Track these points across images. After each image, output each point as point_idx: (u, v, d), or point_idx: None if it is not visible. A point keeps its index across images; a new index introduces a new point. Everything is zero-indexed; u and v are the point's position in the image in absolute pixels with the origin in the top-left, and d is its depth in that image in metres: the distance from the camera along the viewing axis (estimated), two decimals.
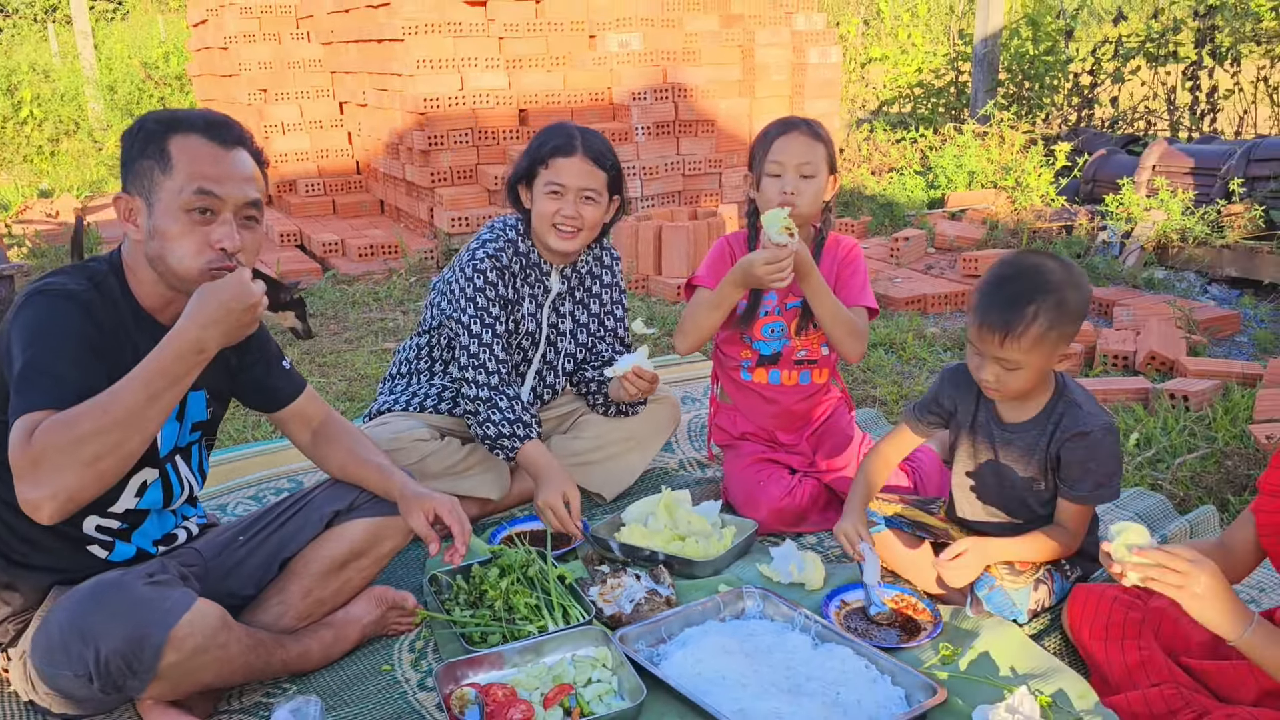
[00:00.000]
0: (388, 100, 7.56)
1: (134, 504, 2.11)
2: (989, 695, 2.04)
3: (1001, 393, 2.27)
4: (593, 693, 2.10)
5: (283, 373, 2.37)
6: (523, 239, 2.90)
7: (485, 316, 2.81)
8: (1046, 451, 2.28)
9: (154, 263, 1.99)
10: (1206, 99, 8.67)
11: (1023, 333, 2.12)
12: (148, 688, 1.89)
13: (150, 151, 1.95)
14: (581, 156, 2.77)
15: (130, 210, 1.98)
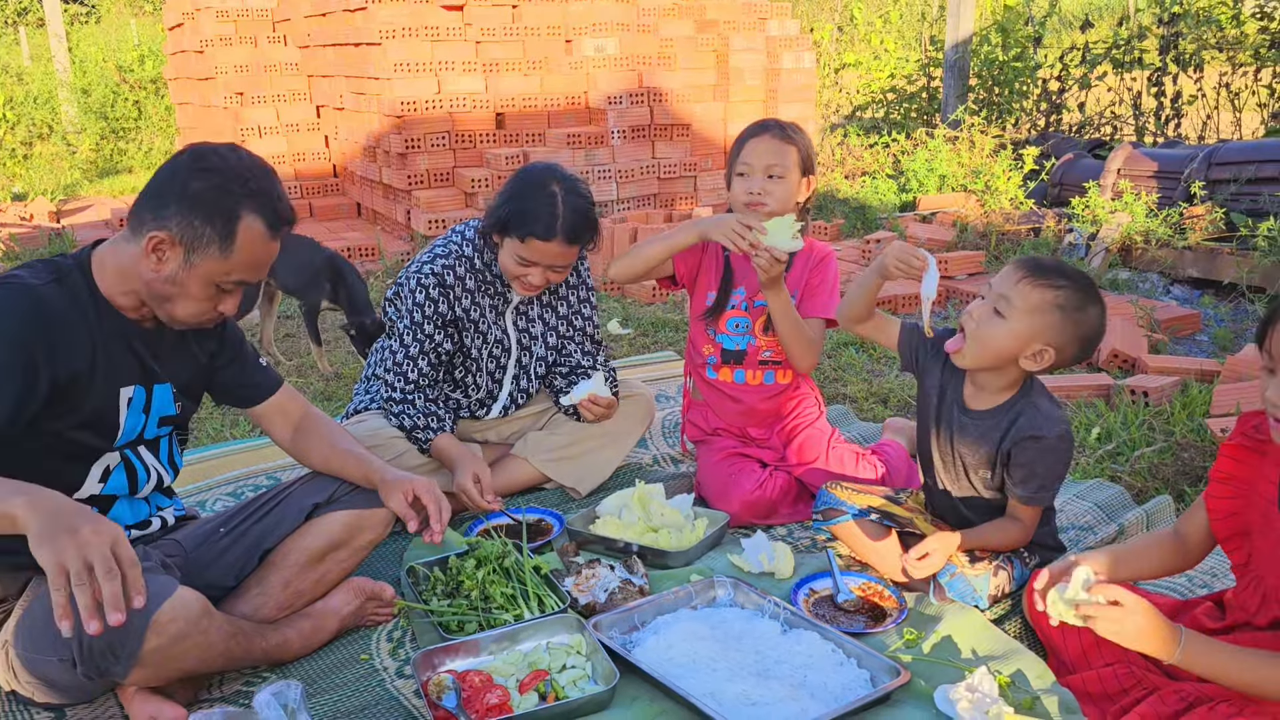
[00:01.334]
0: (364, 103, 7.60)
1: (99, 489, 2.14)
2: (951, 676, 2.11)
3: (971, 342, 2.30)
4: (567, 678, 2.15)
5: (259, 369, 2.43)
6: (481, 253, 2.92)
7: (419, 332, 2.87)
8: (999, 446, 2.36)
9: (154, 294, 2.04)
10: (1171, 104, 8.83)
11: (1039, 284, 2.19)
12: (130, 673, 1.92)
13: (217, 223, 1.96)
14: (559, 242, 2.74)
15: (162, 251, 1.98)
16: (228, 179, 1.98)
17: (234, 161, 2.01)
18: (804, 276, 2.96)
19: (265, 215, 2.01)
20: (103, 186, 10.84)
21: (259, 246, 2.03)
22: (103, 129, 12.66)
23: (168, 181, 1.99)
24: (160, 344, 2.17)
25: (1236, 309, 5.23)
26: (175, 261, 1.98)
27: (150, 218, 1.98)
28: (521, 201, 2.76)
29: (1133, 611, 1.68)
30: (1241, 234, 5.54)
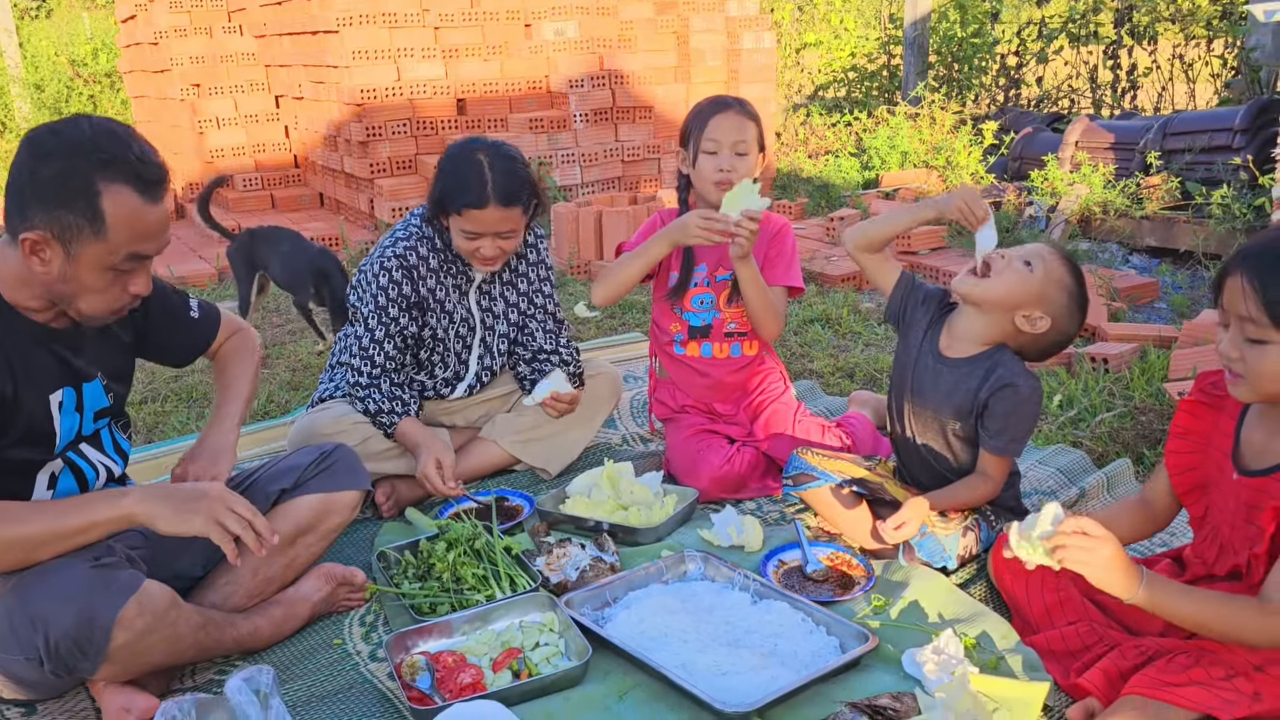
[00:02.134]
0: (324, 92, 7.54)
1: (48, 495, 2.10)
2: (918, 640, 2.14)
3: (998, 277, 2.35)
4: (540, 655, 2.17)
5: (192, 323, 2.38)
6: (441, 234, 2.91)
7: (384, 316, 2.86)
8: (976, 394, 2.40)
9: (57, 296, 1.94)
10: (1127, 77, 8.93)
11: (1066, 265, 2.33)
12: (99, 670, 1.91)
13: (79, 205, 1.82)
14: (494, 206, 2.72)
15: (40, 249, 1.86)
16: (73, 156, 1.83)
17: (74, 135, 1.85)
18: (763, 248, 2.98)
19: (127, 180, 1.85)
20: None
21: (137, 214, 1.87)
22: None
23: (16, 178, 1.86)
24: (80, 339, 2.09)
25: (1193, 276, 5.32)
26: (57, 258, 1.86)
27: (17, 221, 1.86)
28: (450, 177, 2.76)
29: (1103, 541, 1.71)
30: (1196, 202, 5.62)
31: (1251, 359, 1.73)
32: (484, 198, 2.71)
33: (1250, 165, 5.44)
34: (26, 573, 1.95)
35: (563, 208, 6.15)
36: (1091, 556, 1.72)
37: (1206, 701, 1.70)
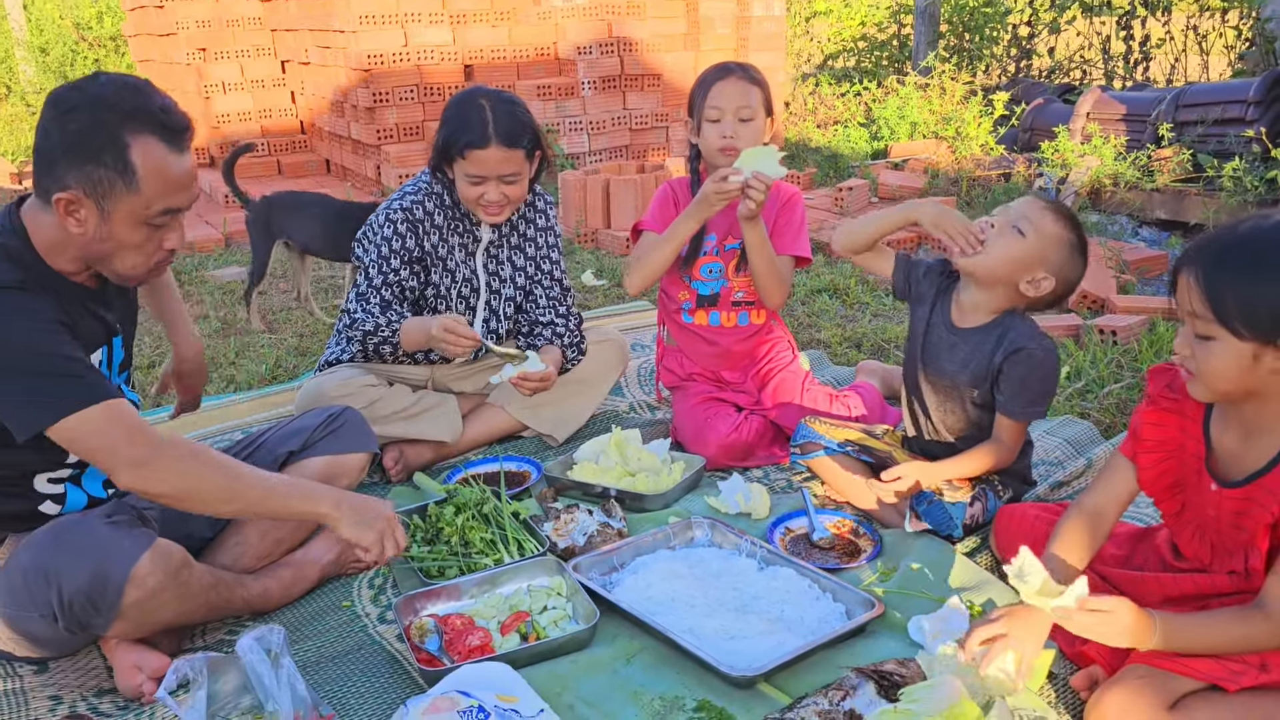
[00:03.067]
0: (331, 58, 7.49)
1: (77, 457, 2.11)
2: (924, 608, 2.15)
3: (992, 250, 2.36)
4: (548, 619, 2.19)
5: None
6: (450, 190, 2.92)
7: (384, 265, 2.85)
8: (990, 360, 2.40)
9: (93, 258, 1.95)
10: (1139, 48, 8.84)
11: (1060, 219, 2.32)
12: (111, 626, 1.93)
13: (108, 159, 1.82)
14: (496, 145, 2.72)
15: (75, 208, 1.86)
16: (97, 110, 1.82)
17: (96, 91, 1.85)
18: (772, 216, 2.97)
19: (154, 131, 1.85)
20: None
21: (166, 164, 1.86)
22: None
23: (44, 141, 1.86)
24: (106, 295, 2.09)
25: None
26: (93, 216, 1.86)
27: (49, 182, 1.86)
28: (453, 121, 2.77)
29: (1118, 616, 1.69)
30: (1208, 175, 5.58)
31: (1200, 356, 1.72)
32: (485, 137, 2.71)
33: (1263, 138, 5.39)
34: (40, 531, 1.98)
35: (570, 176, 6.12)
36: (1109, 630, 1.70)
37: (1213, 672, 1.70)
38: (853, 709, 1.86)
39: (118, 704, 2.02)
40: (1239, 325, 1.64)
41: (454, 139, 2.75)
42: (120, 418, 1.88)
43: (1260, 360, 1.66)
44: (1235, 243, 1.66)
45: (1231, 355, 1.67)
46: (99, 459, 1.90)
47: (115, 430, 1.86)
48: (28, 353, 1.82)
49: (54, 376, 1.83)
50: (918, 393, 2.61)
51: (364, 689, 2.04)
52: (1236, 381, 1.71)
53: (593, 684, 2.00)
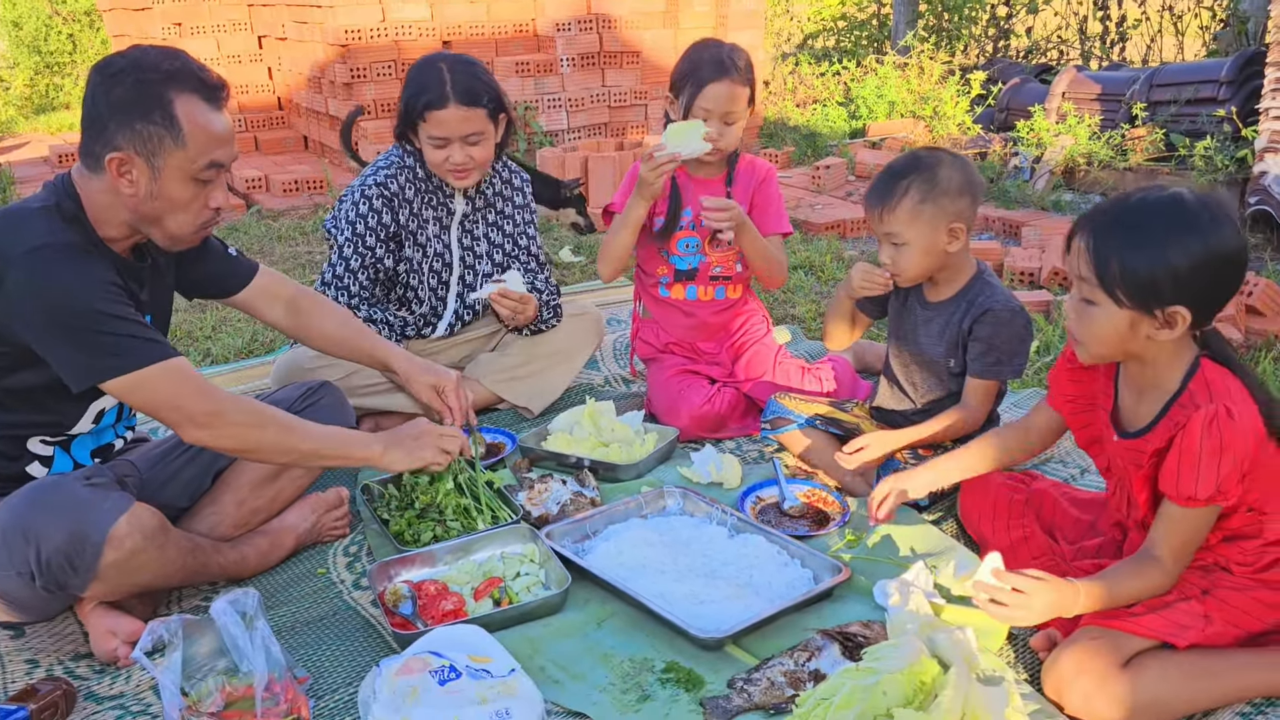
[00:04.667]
0: (308, 33, 7.44)
1: (90, 428, 2.17)
2: (890, 573, 2.19)
3: (901, 274, 2.44)
4: (521, 585, 2.22)
5: (229, 259, 2.43)
6: (422, 163, 2.93)
7: (360, 244, 2.87)
8: (960, 326, 2.46)
9: (145, 218, 2.01)
10: (1116, 28, 8.89)
11: (896, 205, 2.35)
12: (89, 587, 1.96)
13: (156, 116, 1.92)
14: (455, 105, 2.75)
15: (127, 168, 1.95)
16: (142, 72, 1.93)
17: (139, 56, 1.97)
18: (749, 194, 3.00)
19: (195, 88, 1.96)
20: (39, 123, 10.55)
21: (208, 121, 1.97)
22: (36, 64, 12.25)
23: (92, 106, 1.96)
24: (142, 274, 2.16)
25: None
26: (144, 175, 1.95)
27: (98, 147, 1.95)
28: (413, 85, 2.81)
29: (1036, 591, 1.75)
30: (1180, 154, 5.64)
31: (1084, 320, 1.78)
32: (444, 97, 2.74)
33: (1234, 117, 5.45)
34: (19, 491, 2.00)
35: (549, 153, 6.12)
36: (1030, 608, 1.76)
37: (1160, 629, 1.76)
38: (818, 669, 1.91)
39: (94, 668, 2.05)
40: (1119, 293, 1.71)
41: (414, 101, 2.78)
42: (187, 377, 2.02)
43: (1137, 327, 1.73)
44: (1124, 213, 1.72)
45: (1111, 321, 1.74)
46: (165, 413, 2.02)
47: (183, 388, 2.00)
48: (91, 310, 1.91)
49: (119, 335, 1.93)
50: (903, 370, 2.66)
51: (338, 653, 2.07)
52: (1116, 346, 1.78)
53: (564, 647, 2.04)
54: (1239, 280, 1.74)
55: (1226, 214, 1.70)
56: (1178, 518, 1.77)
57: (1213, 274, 1.68)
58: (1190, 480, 1.71)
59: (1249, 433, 1.69)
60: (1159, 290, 1.68)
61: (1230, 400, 1.71)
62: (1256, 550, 1.77)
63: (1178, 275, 1.67)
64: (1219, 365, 1.77)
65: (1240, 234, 1.70)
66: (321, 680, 1.99)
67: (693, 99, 2.82)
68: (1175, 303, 1.69)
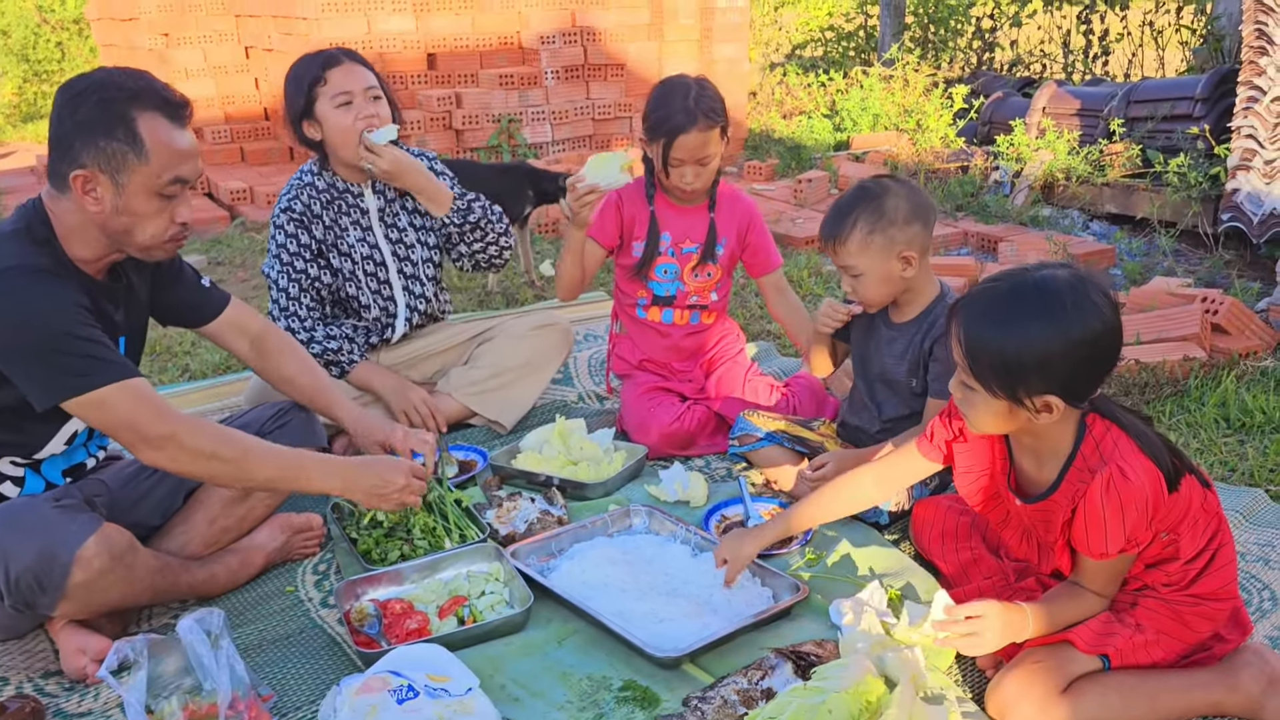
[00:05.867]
0: (293, 44, 7.47)
1: (61, 449, 2.21)
2: (846, 592, 2.23)
3: (863, 300, 2.53)
4: (485, 603, 2.26)
5: (202, 289, 2.47)
6: (320, 175, 3.01)
7: (290, 270, 2.95)
8: (921, 346, 2.52)
9: (114, 234, 2.06)
10: (1099, 42, 8.98)
11: (846, 238, 2.43)
12: (58, 606, 1.99)
13: (119, 133, 1.97)
14: (350, 63, 2.89)
15: (91, 185, 2.00)
16: (105, 91, 1.99)
17: (103, 77, 2.03)
18: (734, 227, 3.08)
19: (157, 107, 2.01)
20: (27, 132, 10.59)
21: (171, 138, 2.02)
22: (25, 72, 12.29)
23: (58, 127, 2.01)
24: (117, 294, 2.20)
25: (1148, 243, 5.42)
26: (109, 191, 2.00)
27: (64, 166, 2.00)
28: (297, 69, 2.92)
29: (988, 621, 1.83)
30: (1155, 170, 5.70)
31: (967, 402, 1.85)
32: (336, 58, 2.87)
33: (1207, 135, 5.52)
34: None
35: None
36: (984, 639, 1.84)
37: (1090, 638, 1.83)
38: (770, 687, 1.95)
39: (63, 685, 2.09)
40: (991, 384, 1.76)
41: (305, 73, 2.88)
42: (145, 397, 2.03)
43: (1015, 412, 1.78)
44: (993, 302, 1.76)
45: (990, 406, 1.80)
46: (121, 435, 2.03)
47: (140, 409, 2.01)
48: (59, 330, 1.96)
49: (81, 355, 1.96)
50: (866, 388, 2.71)
51: (304, 671, 2.11)
52: (1000, 427, 1.85)
53: (524, 665, 2.08)
54: (1109, 362, 1.77)
55: (1090, 298, 1.71)
56: (1096, 566, 1.84)
57: (1077, 361, 1.72)
58: (1099, 541, 1.77)
59: (1145, 488, 1.73)
60: (1026, 380, 1.72)
61: (1121, 459, 1.75)
62: (1179, 570, 1.83)
63: (1041, 365, 1.71)
64: (1105, 420, 1.81)
65: (1107, 315, 1.72)
66: (286, 698, 2.02)
67: (667, 150, 2.87)
68: (1044, 392, 1.73)
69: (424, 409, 3.01)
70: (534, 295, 4.82)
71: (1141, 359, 3.46)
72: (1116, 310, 1.76)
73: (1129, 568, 1.87)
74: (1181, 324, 3.66)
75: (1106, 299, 1.73)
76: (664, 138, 2.87)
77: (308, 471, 2.22)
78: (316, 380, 2.60)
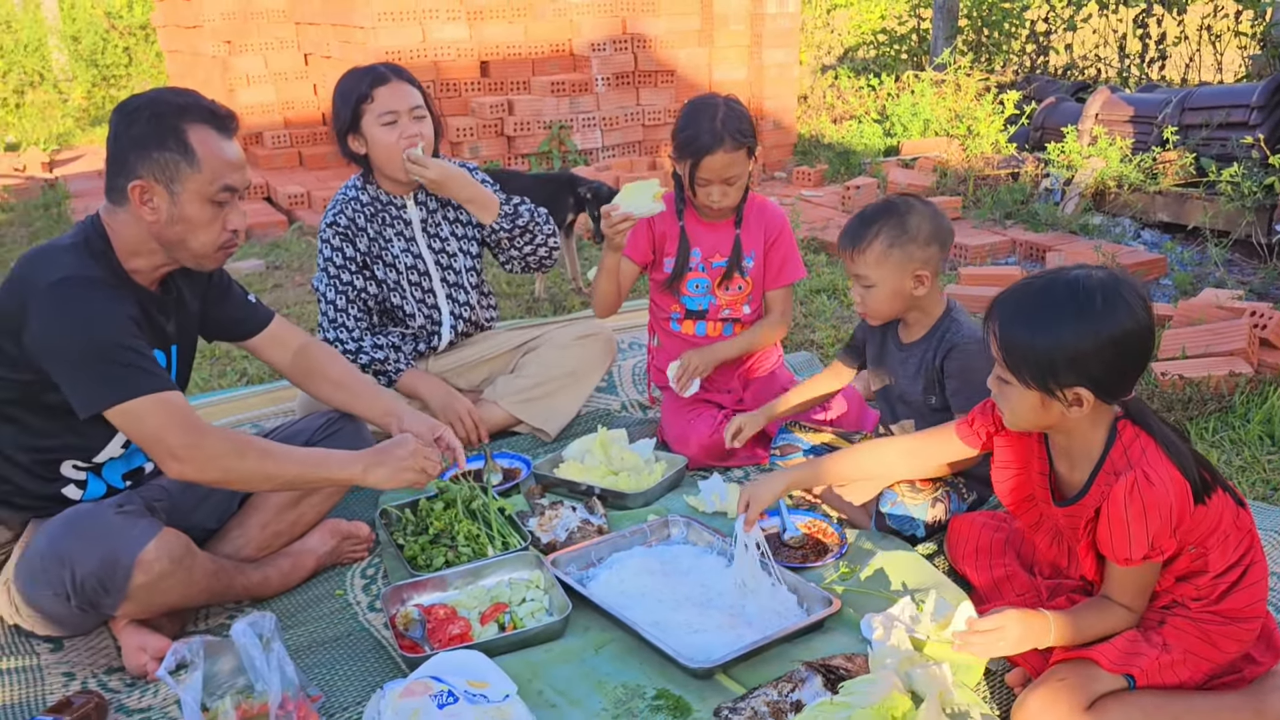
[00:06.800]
0: (350, 52, 7.64)
1: (120, 453, 2.33)
2: (879, 606, 2.27)
3: (869, 312, 2.57)
4: (525, 610, 2.33)
5: (249, 305, 2.59)
6: (364, 189, 3.12)
7: (337, 283, 3.06)
8: (933, 364, 2.55)
9: (169, 243, 2.18)
10: (1155, 46, 8.84)
11: (865, 248, 2.47)
12: (120, 607, 2.10)
13: (171, 144, 2.10)
14: (397, 81, 2.99)
15: (148, 196, 2.12)
16: (157, 108, 2.13)
17: (155, 95, 2.18)
18: (764, 247, 3.13)
19: (205, 119, 2.15)
20: (95, 135, 10.89)
21: (220, 147, 2.15)
22: (94, 76, 12.66)
23: (115, 144, 2.15)
24: (168, 306, 2.33)
25: (1200, 253, 5.35)
26: (164, 200, 2.12)
27: (120, 179, 2.13)
28: (345, 84, 3.02)
29: (1007, 627, 1.89)
30: (1209, 179, 5.63)
31: (1003, 396, 1.90)
32: (385, 76, 2.98)
33: (1261, 144, 5.44)
34: (56, 518, 2.16)
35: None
36: (1005, 643, 1.90)
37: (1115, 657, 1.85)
38: (799, 700, 2.00)
39: (125, 681, 2.20)
40: (1024, 376, 1.82)
41: (354, 89, 2.98)
42: (174, 410, 2.11)
43: (1049, 405, 1.83)
44: (1026, 299, 1.83)
45: (1024, 399, 1.85)
46: (149, 446, 2.12)
47: (168, 421, 2.09)
48: (105, 341, 2.06)
49: (122, 365, 2.07)
50: (887, 409, 2.76)
51: (351, 672, 2.20)
52: (1034, 421, 1.89)
53: (561, 672, 2.15)
54: (1139, 360, 1.83)
55: (1123, 297, 1.77)
56: (1122, 574, 1.88)
57: (1107, 357, 1.77)
58: (1123, 545, 1.80)
59: (1169, 494, 1.77)
60: (1056, 373, 1.79)
61: (1147, 465, 1.79)
62: (1209, 584, 1.85)
63: (1071, 359, 1.77)
64: (1137, 427, 1.86)
65: (1137, 315, 1.78)
66: (334, 698, 2.11)
67: (694, 170, 2.94)
68: (1075, 385, 1.79)
69: (469, 419, 3.10)
70: (580, 302, 4.90)
71: (1185, 374, 3.44)
72: (1149, 311, 1.81)
73: (1156, 580, 1.89)
74: (1229, 339, 3.63)
75: (1140, 299, 1.79)
76: (690, 158, 2.93)
77: (329, 462, 2.30)
78: (357, 389, 2.65)
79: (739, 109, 2.96)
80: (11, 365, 2.12)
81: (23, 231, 6.64)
